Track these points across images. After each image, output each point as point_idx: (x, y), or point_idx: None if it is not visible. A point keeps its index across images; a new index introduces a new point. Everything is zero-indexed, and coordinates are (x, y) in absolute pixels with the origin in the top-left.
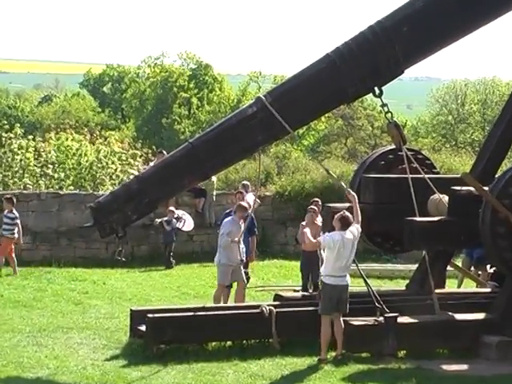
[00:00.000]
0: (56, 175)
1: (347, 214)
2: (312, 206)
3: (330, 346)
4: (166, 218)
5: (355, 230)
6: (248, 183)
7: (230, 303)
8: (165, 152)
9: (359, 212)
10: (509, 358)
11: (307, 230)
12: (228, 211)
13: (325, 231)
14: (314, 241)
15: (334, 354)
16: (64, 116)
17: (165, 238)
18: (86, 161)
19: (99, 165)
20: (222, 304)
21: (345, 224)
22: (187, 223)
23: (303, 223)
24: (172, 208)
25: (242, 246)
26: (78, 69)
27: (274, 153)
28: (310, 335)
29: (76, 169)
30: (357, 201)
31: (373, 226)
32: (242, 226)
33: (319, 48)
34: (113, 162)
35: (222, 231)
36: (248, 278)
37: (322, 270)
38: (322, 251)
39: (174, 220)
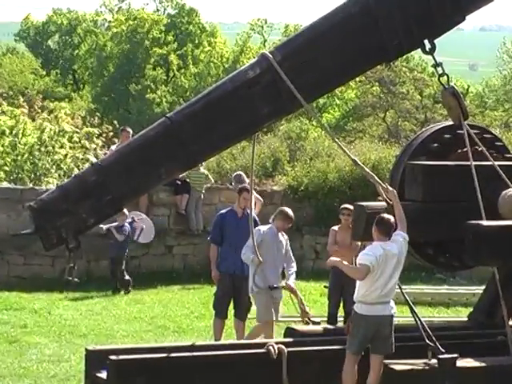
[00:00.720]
0: None
1: (388, 217)
2: (346, 206)
3: None
4: (115, 224)
5: (401, 239)
6: (243, 175)
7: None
8: (130, 130)
9: (403, 215)
10: None
11: (346, 263)
12: (223, 212)
13: (356, 239)
14: (356, 268)
15: None
16: None
17: (114, 250)
18: (25, 143)
19: (42, 149)
20: (219, 342)
21: (385, 231)
22: (146, 231)
23: (335, 228)
24: (124, 210)
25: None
26: (13, 15)
27: (285, 132)
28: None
29: (10, 154)
30: (398, 200)
31: (422, 233)
32: (283, 241)
33: None
34: (61, 146)
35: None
36: (250, 305)
37: (355, 294)
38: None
39: (127, 226)
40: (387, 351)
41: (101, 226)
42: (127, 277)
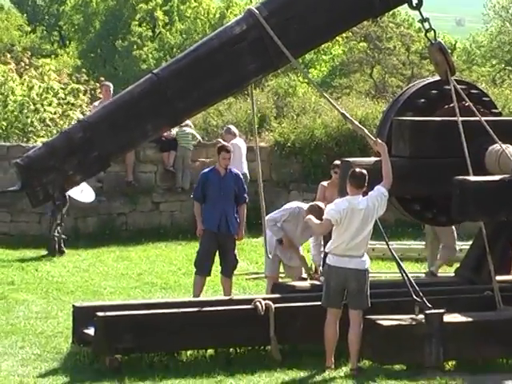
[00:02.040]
0: None
1: (360, 170)
2: (337, 162)
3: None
4: None
5: (377, 195)
6: (234, 128)
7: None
8: (109, 84)
9: (390, 169)
10: None
11: (310, 216)
12: (206, 171)
13: (342, 195)
14: (318, 222)
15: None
16: None
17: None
18: (14, 101)
19: (31, 107)
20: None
21: (357, 185)
22: (85, 192)
23: (324, 183)
24: None
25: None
26: None
27: (273, 88)
28: (321, 340)
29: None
30: (387, 153)
31: (409, 189)
32: (308, 235)
33: None
34: (50, 104)
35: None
36: (236, 262)
37: (326, 246)
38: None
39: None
40: (362, 306)
41: None
42: (61, 241)
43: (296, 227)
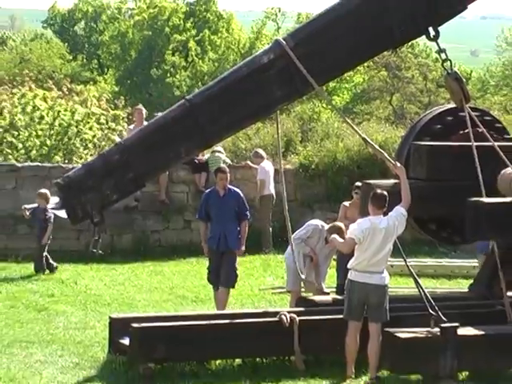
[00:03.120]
0: (20, 145)
1: (381, 192)
2: (358, 184)
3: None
4: (32, 206)
5: (397, 215)
6: (262, 151)
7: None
8: (142, 108)
9: (408, 190)
10: None
11: (335, 236)
12: (207, 191)
13: (364, 215)
14: (342, 241)
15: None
16: (23, 65)
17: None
18: (60, 125)
19: (74, 130)
20: (235, 310)
21: (378, 205)
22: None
23: (346, 204)
24: (43, 190)
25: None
26: (40, 3)
27: (298, 113)
28: (342, 351)
29: (45, 136)
30: (405, 176)
31: (425, 210)
32: (327, 251)
33: None
34: (91, 128)
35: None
36: (235, 276)
37: (349, 263)
38: None
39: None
40: (381, 319)
41: (24, 206)
42: (51, 261)
43: (317, 242)
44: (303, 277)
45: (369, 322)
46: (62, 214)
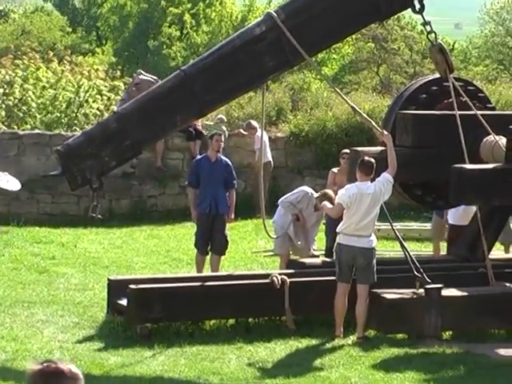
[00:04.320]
0: (28, 118)
1: (368, 159)
2: (346, 151)
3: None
4: None
5: (384, 181)
6: (254, 122)
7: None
8: (143, 72)
9: (395, 158)
10: None
11: (325, 202)
12: (198, 158)
13: (351, 181)
14: (331, 206)
15: (358, 333)
16: (24, 37)
17: None
18: (63, 97)
19: (77, 103)
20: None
21: (365, 172)
22: (11, 182)
23: (334, 170)
24: None
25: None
26: None
27: (289, 83)
28: (331, 311)
29: (48, 107)
30: (391, 143)
31: (411, 176)
32: (315, 218)
33: None
34: (94, 100)
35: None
36: (226, 242)
37: (338, 227)
38: None
39: None
40: (369, 281)
41: None
42: None
43: (306, 208)
44: (274, 236)
45: (357, 284)
46: (8, 185)
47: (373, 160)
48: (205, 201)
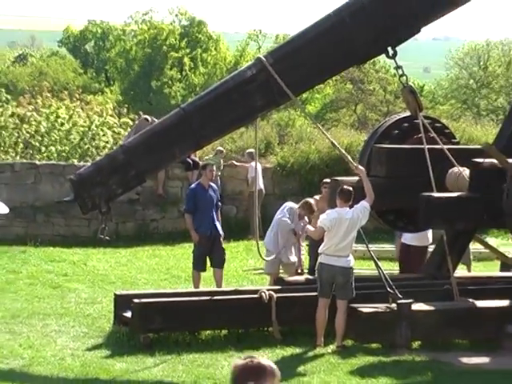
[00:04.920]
0: (43, 148)
1: (347, 187)
2: (326, 180)
3: (332, 333)
4: None
5: (361, 208)
6: (253, 151)
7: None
8: (148, 117)
9: (371, 188)
10: None
11: (308, 226)
12: (193, 186)
13: (331, 207)
14: (313, 229)
15: (337, 343)
16: (41, 78)
17: None
18: (77, 131)
19: (90, 136)
20: (222, 288)
21: (344, 199)
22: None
23: (316, 197)
24: None
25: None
26: (56, 25)
27: (276, 120)
28: (313, 323)
29: (63, 140)
30: (366, 176)
31: (385, 203)
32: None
33: (326, 4)
34: (104, 134)
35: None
36: (225, 255)
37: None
38: None
39: None
40: (347, 297)
41: None
42: None
43: (292, 221)
44: (267, 259)
45: (336, 299)
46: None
47: (351, 189)
48: (204, 224)
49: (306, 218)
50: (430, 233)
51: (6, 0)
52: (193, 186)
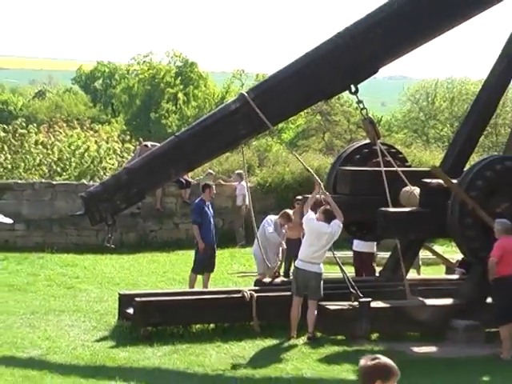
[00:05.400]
0: (62, 172)
1: (329, 207)
2: (299, 197)
3: (304, 326)
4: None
5: (336, 226)
6: (242, 172)
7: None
8: (148, 143)
9: (337, 208)
10: (475, 341)
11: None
12: (197, 201)
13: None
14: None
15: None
16: (57, 110)
17: None
18: (89, 156)
19: (98, 160)
20: (210, 289)
21: (327, 217)
22: (5, 219)
23: (290, 211)
24: None
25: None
26: (70, 65)
27: (256, 146)
28: (288, 319)
29: (78, 163)
30: (331, 200)
31: (348, 216)
32: (283, 234)
33: (299, 47)
34: (110, 158)
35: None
36: (215, 266)
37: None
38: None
39: None
40: (317, 297)
41: None
42: None
43: (275, 230)
44: (269, 265)
45: (308, 299)
46: (4, 220)
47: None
48: (209, 234)
49: (285, 225)
50: (374, 243)
51: (26, 43)
52: (197, 201)
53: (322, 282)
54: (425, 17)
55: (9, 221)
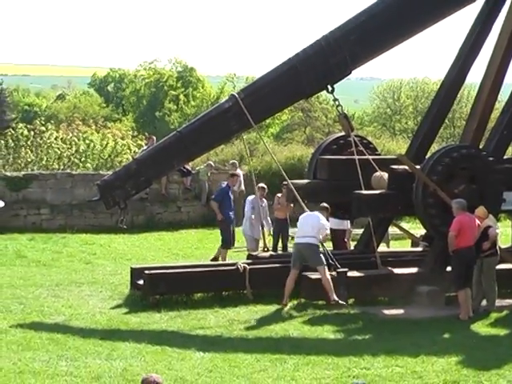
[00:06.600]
0: (81, 164)
1: (327, 205)
2: (285, 183)
3: (292, 294)
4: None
5: (319, 218)
6: (236, 162)
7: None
8: (154, 137)
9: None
10: (436, 304)
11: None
12: (224, 185)
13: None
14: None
15: (295, 302)
16: (75, 110)
17: None
18: (107, 150)
19: (114, 154)
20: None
21: (324, 210)
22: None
23: (278, 195)
24: None
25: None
26: (86, 72)
27: (247, 139)
28: (277, 288)
29: (97, 158)
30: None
31: (327, 198)
32: (264, 204)
33: (284, 53)
34: (125, 153)
35: (249, 207)
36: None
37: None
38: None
39: None
40: (319, 263)
41: None
42: None
43: (255, 206)
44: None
45: (299, 266)
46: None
47: (328, 206)
48: (229, 214)
49: (263, 199)
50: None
51: (48, 53)
52: (223, 186)
53: (318, 251)
54: (390, 27)
55: (1, 204)
